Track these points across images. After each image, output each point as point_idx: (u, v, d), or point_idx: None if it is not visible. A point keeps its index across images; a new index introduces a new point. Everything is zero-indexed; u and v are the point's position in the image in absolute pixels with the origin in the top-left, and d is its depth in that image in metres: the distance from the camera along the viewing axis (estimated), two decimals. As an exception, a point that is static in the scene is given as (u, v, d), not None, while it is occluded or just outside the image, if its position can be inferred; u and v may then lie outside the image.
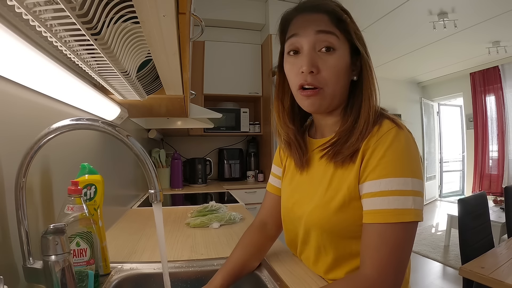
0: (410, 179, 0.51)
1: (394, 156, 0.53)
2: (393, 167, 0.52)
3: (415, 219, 0.51)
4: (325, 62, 0.57)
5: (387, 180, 0.52)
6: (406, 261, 0.51)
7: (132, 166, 1.62)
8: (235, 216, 1.24)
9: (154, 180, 0.50)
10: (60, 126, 0.47)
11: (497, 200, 3.34)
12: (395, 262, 0.50)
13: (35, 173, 0.57)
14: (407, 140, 0.54)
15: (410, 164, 0.53)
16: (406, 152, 0.53)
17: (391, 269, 0.49)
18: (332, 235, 0.61)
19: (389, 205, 0.51)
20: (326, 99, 0.59)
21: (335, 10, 0.58)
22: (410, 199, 0.51)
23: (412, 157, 0.54)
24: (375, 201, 0.52)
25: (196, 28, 1.13)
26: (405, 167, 0.52)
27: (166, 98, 0.99)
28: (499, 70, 4.44)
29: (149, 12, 0.38)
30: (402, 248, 0.50)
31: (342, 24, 0.57)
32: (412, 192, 0.51)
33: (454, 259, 2.91)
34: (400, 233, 0.50)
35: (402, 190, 0.51)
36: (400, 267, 0.50)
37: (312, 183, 0.66)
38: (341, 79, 0.58)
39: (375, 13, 3.01)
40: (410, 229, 0.51)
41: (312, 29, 0.57)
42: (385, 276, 0.49)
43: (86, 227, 0.57)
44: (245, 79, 3.00)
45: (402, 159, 0.53)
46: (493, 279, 1.12)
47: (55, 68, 0.53)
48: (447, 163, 5.85)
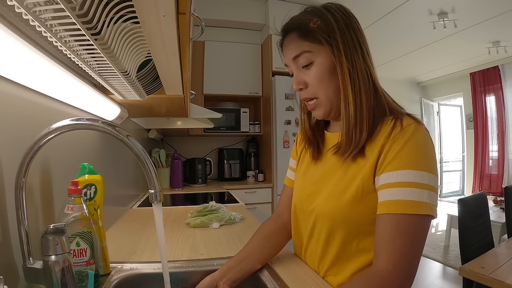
0: (426, 173, 0.52)
1: (412, 150, 0.53)
2: (411, 160, 0.53)
3: (430, 213, 0.51)
4: (308, 75, 0.63)
5: (404, 172, 0.52)
6: (419, 255, 0.52)
7: (132, 166, 1.62)
8: (235, 216, 1.24)
9: (154, 180, 0.50)
10: (60, 126, 0.47)
11: (497, 200, 3.34)
12: (410, 255, 0.50)
13: (35, 173, 0.57)
14: (425, 136, 0.55)
15: (428, 159, 0.54)
16: (424, 147, 0.54)
17: (406, 262, 0.50)
18: (342, 227, 0.61)
19: (405, 196, 0.51)
20: (326, 106, 0.64)
21: (302, 24, 0.62)
22: (426, 193, 0.51)
23: (430, 153, 0.55)
24: (392, 192, 0.53)
25: (196, 28, 1.13)
26: (422, 161, 0.53)
27: (166, 98, 0.99)
28: (499, 70, 4.44)
29: (149, 12, 0.38)
30: (417, 241, 0.51)
31: (311, 34, 0.61)
32: (428, 187, 0.51)
33: (454, 259, 2.91)
34: (415, 225, 0.51)
35: (418, 183, 0.51)
36: (414, 260, 0.51)
37: (326, 175, 0.67)
38: (329, 83, 0.62)
39: (375, 13, 3.01)
40: (425, 223, 0.52)
41: (290, 58, 0.64)
42: (399, 268, 0.50)
43: (86, 227, 0.57)
44: (245, 79, 3.00)
45: (420, 153, 0.53)
46: (493, 279, 1.12)
47: (55, 68, 0.53)
48: (447, 163, 5.85)
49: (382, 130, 0.58)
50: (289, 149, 2.70)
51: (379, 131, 0.58)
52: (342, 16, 0.61)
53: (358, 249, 0.60)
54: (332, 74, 0.61)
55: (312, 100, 0.65)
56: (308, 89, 0.64)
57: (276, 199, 2.71)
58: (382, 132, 0.58)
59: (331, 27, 0.60)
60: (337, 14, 0.61)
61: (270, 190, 2.76)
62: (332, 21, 0.60)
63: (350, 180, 0.60)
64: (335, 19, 0.60)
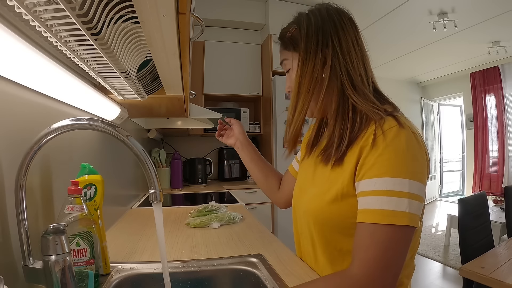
0: (407, 180, 0.49)
1: (391, 155, 0.51)
2: (390, 166, 0.50)
3: (409, 223, 0.48)
4: (289, 80, 0.69)
5: (382, 180, 0.50)
6: (396, 265, 0.49)
7: (132, 166, 1.62)
8: (235, 216, 1.24)
9: (154, 180, 0.50)
10: (60, 126, 0.47)
11: (497, 200, 3.34)
12: (383, 265, 0.48)
13: (35, 173, 0.57)
14: (409, 139, 0.52)
15: (410, 164, 0.50)
16: (405, 151, 0.51)
17: (377, 271, 0.48)
18: (324, 227, 0.61)
19: (382, 205, 0.49)
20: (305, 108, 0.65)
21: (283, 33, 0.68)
22: (405, 201, 0.48)
23: (413, 158, 0.51)
24: (369, 200, 0.51)
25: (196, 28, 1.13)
26: (403, 167, 0.50)
27: (166, 98, 0.99)
28: (499, 70, 4.44)
29: (149, 12, 0.38)
30: (393, 251, 0.48)
31: (289, 42, 0.65)
32: (408, 195, 0.49)
33: (454, 259, 2.91)
34: (391, 235, 0.48)
35: (397, 191, 0.49)
36: (389, 270, 0.48)
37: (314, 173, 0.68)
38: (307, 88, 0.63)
39: (375, 13, 3.01)
40: (403, 234, 0.49)
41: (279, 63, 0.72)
42: (370, 277, 0.48)
43: (86, 227, 0.57)
44: (245, 79, 3.00)
45: (400, 159, 0.51)
46: (493, 279, 1.12)
47: (55, 68, 0.53)
48: (447, 163, 5.85)
49: (364, 133, 0.56)
50: (289, 149, 2.70)
51: (360, 134, 0.57)
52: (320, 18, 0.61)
53: (342, 251, 0.60)
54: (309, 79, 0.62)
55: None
56: (291, 93, 0.67)
57: (276, 199, 2.71)
58: (363, 135, 0.56)
59: (299, 34, 0.62)
60: (314, 17, 0.62)
61: (270, 190, 2.75)
62: (303, 26, 0.62)
63: (332, 182, 0.60)
64: (308, 23, 0.62)
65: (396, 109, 0.61)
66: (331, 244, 0.62)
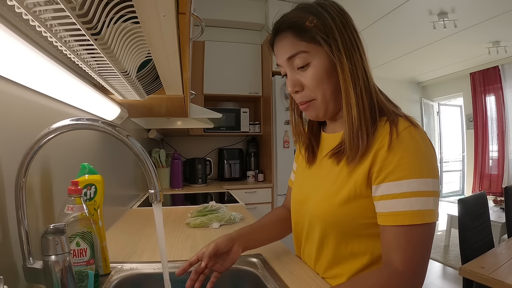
0: (430, 180, 0.51)
1: (413, 157, 0.52)
2: (414, 168, 0.52)
3: (435, 219, 0.52)
4: (304, 77, 0.60)
5: (408, 182, 0.51)
6: (428, 259, 0.53)
7: (132, 166, 1.62)
8: (235, 216, 1.24)
9: (154, 180, 0.50)
10: (60, 126, 0.47)
11: (497, 200, 3.34)
12: (421, 261, 0.52)
13: (35, 173, 0.57)
14: (423, 139, 0.54)
15: (429, 164, 0.53)
16: (424, 151, 0.53)
17: (419, 268, 0.51)
18: (335, 230, 0.61)
19: (412, 206, 0.51)
20: (321, 108, 0.62)
21: (297, 22, 0.58)
22: (431, 200, 0.51)
23: (431, 157, 0.54)
24: (397, 203, 0.52)
25: (196, 28, 1.13)
26: (425, 168, 0.52)
27: (166, 98, 0.99)
28: (499, 70, 4.44)
29: (149, 12, 0.38)
30: (426, 247, 0.52)
31: (308, 33, 0.57)
32: (432, 193, 0.51)
33: (454, 259, 2.91)
34: (424, 233, 0.51)
35: (423, 191, 0.51)
36: (424, 265, 0.53)
37: (321, 176, 0.67)
38: (327, 85, 0.59)
39: (375, 13, 3.01)
40: (432, 230, 0.52)
41: (284, 58, 0.61)
42: (414, 272, 0.51)
43: (86, 227, 0.57)
44: (245, 79, 3.00)
45: (422, 160, 0.52)
46: (493, 279, 1.12)
47: (55, 68, 0.53)
48: (447, 163, 5.84)
49: (377, 134, 0.56)
50: (289, 149, 2.71)
51: (374, 135, 0.56)
52: (338, 14, 0.58)
53: (352, 252, 0.60)
54: (330, 75, 0.59)
55: (308, 102, 0.62)
56: (304, 92, 0.61)
57: (276, 199, 2.71)
58: (377, 136, 0.55)
59: (329, 26, 0.56)
60: (333, 12, 0.58)
61: (270, 190, 2.76)
62: (329, 19, 0.57)
63: (342, 183, 0.59)
64: (331, 17, 0.57)
65: (398, 109, 0.62)
66: (341, 246, 0.61)
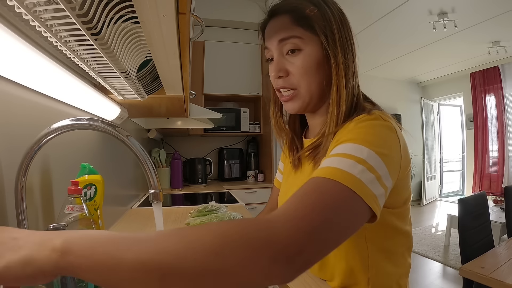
0: (366, 148, 0.44)
1: (354, 130, 0.48)
2: (350, 135, 0.47)
3: (356, 190, 0.39)
4: (292, 64, 0.57)
5: (341, 146, 0.46)
6: (331, 230, 0.36)
7: (132, 166, 1.62)
8: (235, 216, 1.24)
9: (154, 180, 0.50)
10: (60, 126, 0.47)
11: (497, 200, 3.33)
12: (315, 217, 0.36)
13: (35, 173, 0.57)
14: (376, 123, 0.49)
15: (373, 137, 0.46)
16: (371, 127, 0.48)
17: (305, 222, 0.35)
18: None
19: (332, 163, 0.43)
20: (304, 99, 0.59)
21: (297, 7, 0.56)
22: (359, 166, 0.42)
23: (378, 135, 0.47)
24: (323, 162, 0.45)
25: (196, 28, 1.13)
26: (363, 137, 0.46)
27: (166, 98, 0.99)
28: (499, 70, 4.45)
29: (149, 12, 0.38)
30: (331, 209, 0.38)
31: (306, 20, 0.55)
32: (363, 161, 0.42)
33: (454, 259, 2.91)
34: (335, 191, 0.39)
35: (351, 155, 0.43)
36: (320, 229, 0.35)
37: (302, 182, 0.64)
38: (313, 77, 0.57)
39: (375, 13, 3.01)
40: (349, 199, 0.39)
41: (276, 39, 0.58)
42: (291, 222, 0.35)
43: (86, 227, 0.57)
44: (245, 79, 3.00)
45: (362, 131, 0.48)
46: (493, 279, 1.12)
47: (55, 68, 0.53)
48: (447, 163, 5.85)
49: None
50: (289, 149, 2.70)
51: None
52: (338, 12, 0.58)
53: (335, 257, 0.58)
54: (319, 67, 0.56)
55: (289, 91, 0.59)
56: (288, 78, 0.58)
57: (276, 199, 2.71)
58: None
59: (328, 18, 0.56)
60: (334, 8, 0.58)
61: (270, 190, 2.75)
62: (329, 13, 0.56)
63: None
64: (332, 12, 0.57)
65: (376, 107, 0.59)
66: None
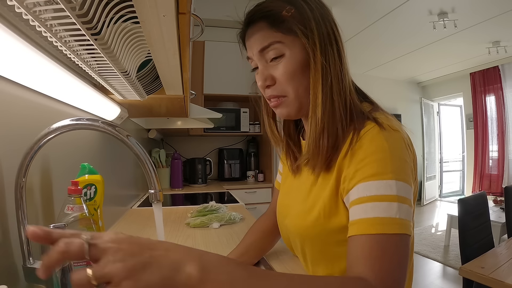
0: (393, 181, 0.43)
1: (373, 157, 0.45)
2: (371, 168, 0.45)
3: (401, 231, 0.41)
4: (277, 70, 0.55)
5: (364, 185, 0.44)
6: (403, 273, 0.41)
7: (132, 166, 1.62)
8: (235, 216, 1.24)
9: (154, 180, 0.50)
10: (60, 126, 0.47)
11: (497, 200, 3.34)
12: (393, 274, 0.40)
13: (35, 173, 0.57)
14: (388, 138, 0.47)
15: (393, 164, 0.44)
16: (388, 151, 0.45)
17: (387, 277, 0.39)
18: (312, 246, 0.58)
19: (367, 213, 0.43)
20: (293, 105, 0.56)
21: (272, 11, 0.54)
22: (395, 205, 0.42)
23: (396, 157, 0.45)
24: (355, 211, 0.45)
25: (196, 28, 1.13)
26: (385, 168, 0.44)
27: (166, 98, 0.99)
28: (499, 70, 4.45)
29: (149, 12, 0.38)
30: (396, 263, 0.40)
31: (284, 23, 0.53)
32: (396, 198, 0.42)
33: (454, 259, 2.91)
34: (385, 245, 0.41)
35: (382, 195, 0.43)
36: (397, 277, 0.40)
37: (299, 188, 0.63)
38: (299, 81, 0.54)
39: (375, 13, 3.01)
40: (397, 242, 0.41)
41: (256, 49, 0.56)
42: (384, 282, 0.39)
43: (86, 227, 0.57)
44: (245, 79, 2.99)
45: (382, 159, 0.45)
46: (493, 279, 1.12)
47: (55, 68, 0.53)
48: (447, 163, 5.85)
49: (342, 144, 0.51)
50: (289, 149, 2.70)
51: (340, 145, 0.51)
52: (317, 5, 0.54)
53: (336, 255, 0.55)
54: (304, 69, 0.53)
55: (278, 98, 0.56)
56: (276, 86, 0.56)
57: (276, 199, 2.71)
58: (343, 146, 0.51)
59: (307, 16, 0.52)
60: (312, 2, 0.54)
61: (270, 190, 2.76)
62: (307, 10, 0.52)
63: (314, 200, 0.56)
64: (309, 8, 0.53)
65: (376, 107, 0.56)
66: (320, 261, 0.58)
